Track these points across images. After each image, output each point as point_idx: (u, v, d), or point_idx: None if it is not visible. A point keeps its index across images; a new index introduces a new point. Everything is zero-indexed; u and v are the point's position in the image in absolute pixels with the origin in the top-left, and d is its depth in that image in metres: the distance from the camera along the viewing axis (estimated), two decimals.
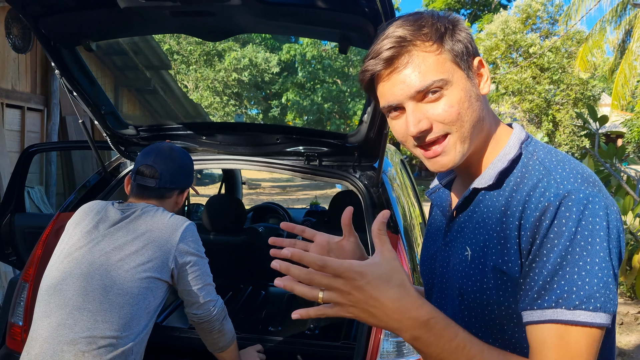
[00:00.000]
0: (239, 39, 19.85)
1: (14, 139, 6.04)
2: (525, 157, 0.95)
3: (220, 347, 1.94)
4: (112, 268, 1.74)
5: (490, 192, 0.95)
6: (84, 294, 1.71)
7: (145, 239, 1.78)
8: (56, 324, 1.68)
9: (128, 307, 1.71)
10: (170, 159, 1.98)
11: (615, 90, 14.19)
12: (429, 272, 1.09)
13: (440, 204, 1.09)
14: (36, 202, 6.10)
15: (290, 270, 0.78)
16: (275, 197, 15.72)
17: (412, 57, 0.90)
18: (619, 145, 7.78)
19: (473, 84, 0.94)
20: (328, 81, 21.65)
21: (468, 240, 0.96)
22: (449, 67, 0.91)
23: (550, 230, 0.83)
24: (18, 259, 3.35)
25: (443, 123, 0.92)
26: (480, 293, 0.91)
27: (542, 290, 0.82)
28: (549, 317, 0.81)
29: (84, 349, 1.65)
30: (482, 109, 0.95)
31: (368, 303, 0.78)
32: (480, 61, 0.96)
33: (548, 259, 0.82)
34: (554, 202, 0.84)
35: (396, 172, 2.97)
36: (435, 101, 0.91)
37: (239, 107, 21.57)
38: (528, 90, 18.45)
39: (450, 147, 0.93)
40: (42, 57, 6.38)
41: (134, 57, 7.64)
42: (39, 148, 3.51)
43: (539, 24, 20.57)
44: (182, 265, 1.81)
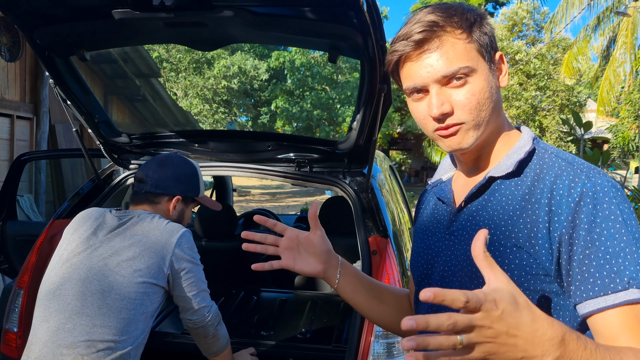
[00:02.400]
0: (228, 46, 19.86)
1: (3, 147, 6.03)
2: (539, 152, 1.00)
3: (214, 352, 1.97)
4: (109, 273, 1.77)
5: (507, 181, 0.99)
6: (82, 299, 1.74)
7: (142, 245, 1.81)
8: (55, 328, 1.71)
9: (126, 312, 1.74)
10: (161, 165, 2.01)
11: (600, 97, 14.40)
12: (425, 262, 1.11)
13: (444, 196, 1.11)
14: (25, 210, 6.08)
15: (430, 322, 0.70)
16: (265, 204, 15.73)
17: (442, 42, 0.94)
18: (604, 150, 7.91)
19: (494, 76, 0.99)
20: (317, 88, 21.72)
21: (484, 226, 0.97)
22: (474, 56, 0.95)
23: (596, 216, 0.86)
24: (10, 267, 3.36)
25: (462, 109, 0.96)
26: None
27: (612, 274, 0.84)
28: (622, 299, 0.83)
29: (82, 352, 1.67)
30: (499, 101, 1.00)
31: (509, 333, 0.71)
32: (501, 56, 1.01)
33: (605, 245, 0.85)
34: (590, 189, 0.88)
35: (385, 178, 3.02)
36: (459, 87, 0.95)
37: (228, 114, 21.56)
38: (515, 97, 18.66)
39: (464, 131, 0.97)
40: (31, 66, 6.39)
41: (124, 66, 7.65)
42: (31, 156, 3.53)
43: (525, 31, 20.85)
44: (177, 271, 1.83)
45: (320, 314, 2.75)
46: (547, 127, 18.81)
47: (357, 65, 16.07)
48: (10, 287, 2.38)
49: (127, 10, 1.74)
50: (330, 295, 3.03)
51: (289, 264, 1.14)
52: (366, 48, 1.76)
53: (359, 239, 2.22)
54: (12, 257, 3.33)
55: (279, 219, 4.43)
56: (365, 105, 2.02)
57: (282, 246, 1.15)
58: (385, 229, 2.22)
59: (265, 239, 1.14)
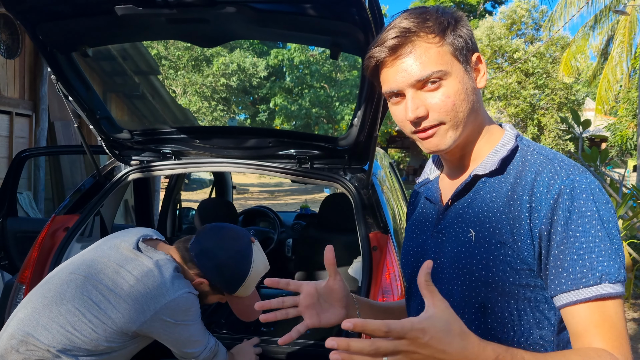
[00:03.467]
0: (227, 44, 19.86)
1: (2, 145, 6.03)
2: (522, 149, 1.02)
3: None
4: (87, 282, 1.74)
5: (491, 179, 1.01)
6: (64, 287, 1.74)
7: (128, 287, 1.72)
8: (17, 317, 1.74)
9: (70, 328, 1.68)
10: (219, 242, 1.87)
11: (599, 95, 14.43)
12: (414, 260, 1.13)
13: (431, 195, 1.14)
14: (24, 207, 6.08)
15: (352, 346, 0.74)
16: (263, 202, 15.73)
17: (415, 47, 0.97)
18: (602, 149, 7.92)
19: (470, 78, 1.00)
20: (316, 86, 21.72)
21: (471, 224, 1.00)
22: (448, 59, 0.97)
23: (572, 212, 0.90)
24: (10, 263, 3.36)
25: (438, 112, 0.98)
26: (486, 270, 0.96)
27: (584, 269, 0.88)
28: (594, 294, 0.87)
29: (14, 346, 1.66)
30: (476, 102, 1.02)
31: (435, 358, 0.77)
32: (479, 57, 1.02)
33: (579, 240, 0.89)
34: (568, 186, 0.91)
35: (385, 175, 3.03)
36: (434, 90, 0.97)
37: (227, 112, 21.56)
38: (513, 95, 18.69)
39: (443, 132, 1.00)
40: (30, 63, 6.38)
41: (123, 63, 7.65)
42: (31, 153, 3.53)
43: (523, 29, 20.86)
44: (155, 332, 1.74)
45: None
46: (546, 126, 18.84)
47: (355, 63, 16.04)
48: (11, 283, 2.38)
49: (129, 6, 1.75)
50: None
51: (315, 322, 1.10)
52: (367, 45, 1.76)
53: (360, 235, 2.23)
54: (12, 253, 3.33)
55: (278, 217, 4.43)
56: (366, 101, 2.03)
57: (302, 305, 1.10)
58: (386, 225, 2.23)
59: (283, 303, 1.10)
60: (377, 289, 2.06)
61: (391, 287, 2.05)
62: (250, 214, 4.65)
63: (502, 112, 18.86)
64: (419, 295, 1.10)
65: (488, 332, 0.98)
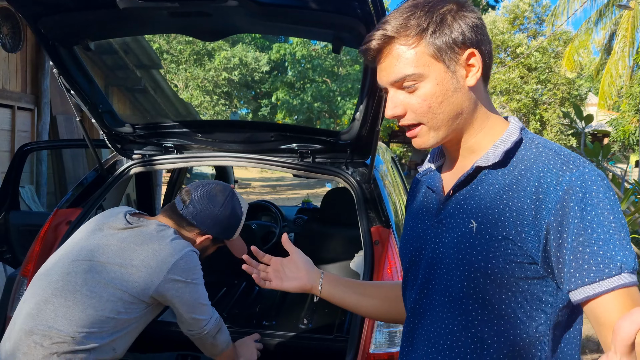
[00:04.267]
0: (228, 38, 19.81)
1: (4, 139, 6.03)
2: (527, 142, 1.02)
3: (214, 354, 1.98)
4: (93, 265, 1.76)
5: (494, 171, 1.01)
6: (66, 279, 1.75)
7: (136, 256, 1.78)
8: (27, 311, 1.73)
9: (91, 310, 1.70)
10: (211, 199, 1.97)
11: (601, 90, 14.39)
12: (413, 249, 1.13)
13: (433, 185, 1.14)
14: (27, 201, 6.09)
15: None
16: (265, 196, 15.74)
17: (392, 50, 0.98)
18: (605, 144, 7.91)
19: (454, 76, 0.98)
20: (318, 80, 21.69)
21: (472, 215, 1.00)
22: (426, 60, 0.97)
23: (586, 204, 0.89)
24: (13, 257, 3.37)
25: (415, 113, 1.01)
26: (486, 262, 0.96)
27: (605, 260, 0.87)
28: (616, 284, 0.87)
29: (37, 341, 1.66)
30: (463, 101, 1.00)
31: None
32: (472, 53, 0.99)
33: (597, 232, 0.88)
34: (578, 178, 0.91)
35: (387, 169, 3.03)
36: (411, 92, 0.99)
37: (229, 106, 21.55)
38: (516, 90, 18.63)
39: (423, 133, 1.03)
40: (32, 57, 6.37)
41: (124, 57, 7.63)
42: (33, 146, 3.54)
43: (526, 24, 20.77)
44: (167, 295, 1.79)
45: (321, 304, 2.76)
46: (548, 121, 18.80)
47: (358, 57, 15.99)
48: (14, 276, 2.39)
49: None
50: None
51: (278, 284, 1.36)
52: None
53: (362, 230, 2.23)
54: (15, 247, 3.34)
55: (280, 211, 4.44)
56: (368, 95, 2.02)
57: (270, 270, 1.38)
58: (388, 220, 2.23)
59: (263, 257, 1.41)
60: None
61: (392, 280, 2.06)
62: (252, 208, 4.65)
63: (504, 107, 18.82)
64: (416, 285, 1.10)
65: (485, 323, 0.98)
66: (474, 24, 0.99)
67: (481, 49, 1.00)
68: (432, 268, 1.07)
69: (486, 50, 1.01)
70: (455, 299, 1.00)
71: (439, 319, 1.04)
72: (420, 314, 1.08)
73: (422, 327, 1.07)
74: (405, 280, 1.17)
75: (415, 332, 1.09)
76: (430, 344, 1.05)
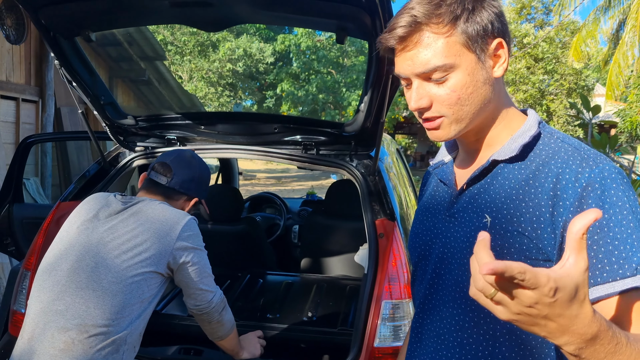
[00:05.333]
0: (233, 29, 19.77)
1: (9, 131, 6.03)
2: (545, 136, 0.99)
3: (219, 336, 1.97)
4: (106, 254, 1.76)
5: (510, 165, 0.98)
6: (74, 275, 1.72)
7: (144, 230, 1.79)
8: (47, 308, 1.70)
9: (121, 295, 1.72)
10: (188, 165, 2.02)
11: (609, 81, 14.25)
12: (423, 243, 1.11)
13: (445, 178, 1.11)
14: (32, 193, 6.11)
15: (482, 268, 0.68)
16: (270, 188, 15.74)
17: (421, 38, 0.93)
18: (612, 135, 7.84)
19: (484, 67, 0.95)
20: (323, 72, 21.61)
21: (486, 209, 0.97)
22: (457, 50, 0.93)
23: (605, 202, 0.86)
24: (17, 250, 3.37)
25: (442, 104, 0.96)
26: (500, 258, 0.88)
27: (620, 260, 0.84)
28: (630, 285, 0.83)
29: (74, 337, 1.65)
30: (489, 92, 0.97)
31: (548, 318, 0.69)
32: (500, 43, 0.96)
33: (613, 231, 0.85)
34: (598, 175, 0.88)
35: (392, 161, 3.00)
36: (440, 83, 0.94)
37: (233, 97, 21.51)
38: (522, 81, 18.51)
39: (446, 125, 0.98)
40: (36, 48, 6.36)
41: (129, 48, 7.62)
42: (36, 139, 3.52)
43: (533, 14, 20.59)
44: (179, 261, 1.82)
45: (326, 297, 2.75)
46: (555, 112, 18.67)
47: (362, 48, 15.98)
48: (17, 269, 2.39)
49: None
50: (336, 278, 3.03)
51: None
52: (374, 28, 1.73)
53: (366, 222, 2.21)
54: (19, 239, 3.34)
55: (285, 203, 4.43)
56: (372, 86, 1.99)
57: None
58: (392, 212, 2.20)
59: None
60: (383, 276, 2.05)
61: (397, 274, 2.04)
62: (256, 200, 4.65)
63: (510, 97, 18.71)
64: (425, 280, 1.08)
65: (497, 321, 0.95)
66: (499, 12, 0.96)
67: (505, 38, 0.97)
68: (442, 263, 1.05)
69: (509, 39, 0.98)
70: (467, 295, 0.96)
71: (449, 315, 1.02)
72: (430, 309, 1.06)
73: (432, 323, 1.05)
74: (414, 275, 1.15)
75: (424, 327, 1.08)
76: (440, 340, 1.03)
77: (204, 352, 2.12)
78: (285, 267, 3.59)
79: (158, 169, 1.98)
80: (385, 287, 2.01)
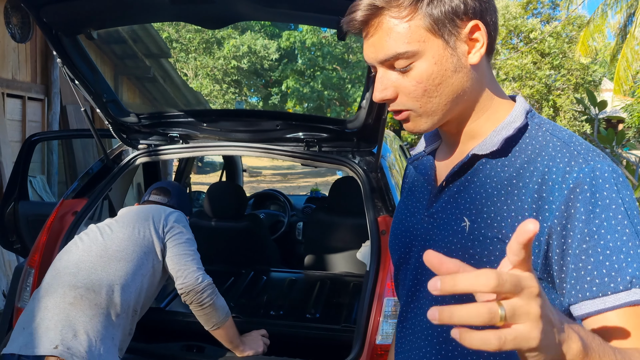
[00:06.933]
0: (237, 26, 19.76)
1: (15, 129, 6.05)
2: (533, 128, 0.87)
3: (215, 323, 1.98)
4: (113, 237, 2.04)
5: (492, 161, 0.87)
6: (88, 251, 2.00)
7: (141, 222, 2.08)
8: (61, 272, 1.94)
9: (123, 262, 1.96)
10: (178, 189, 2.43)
11: (617, 75, 14.13)
12: (402, 245, 1.00)
13: (424, 173, 0.99)
14: (38, 191, 6.14)
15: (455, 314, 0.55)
16: (275, 185, 15.75)
17: (381, 24, 0.83)
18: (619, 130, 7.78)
19: (454, 53, 0.83)
20: (328, 68, 21.58)
21: (465, 211, 0.87)
22: (421, 35, 0.82)
23: (595, 205, 0.76)
24: (22, 247, 3.39)
25: (407, 97, 0.86)
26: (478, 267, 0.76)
27: (612, 272, 0.73)
28: (624, 301, 0.72)
29: (82, 294, 1.86)
30: (464, 81, 0.85)
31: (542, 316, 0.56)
32: (477, 25, 0.83)
33: (605, 238, 0.75)
34: (588, 174, 0.77)
35: (395, 158, 2.99)
36: (404, 73, 0.84)
37: (238, 94, 21.52)
38: (529, 76, 18.40)
39: (415, 117, 0.88)
40: (42, 47, 6.38)
41: (133, 46, 7.62)
42: (41, 137, 3.54)
43: (539, 8, 20.46)
44: (169, 236, 2.06)
45: (329, 294, 2.75)
46: (561, 107, 18.56)
47: None
48: (21, 267, 2.40)
49: None
50: (339, 275, 3.03)
51: None
52: None
53: (368, 219, 2.21)
54: (24, 237, 3.36)
55: (289, 200, 4.42)
56: (374, 83, 1.98)
57: None
58: (395, 209, 2.20)
59: None
60: (385, 273, 2.05)
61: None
62: (260, 197, 4.65)
63: (517, 93, 18.61)
64: (406, 286, 0.99)
65: None
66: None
67: (486, 20, 0.84)
68: (422, 268, 0.94)
69: (491, 21, 0.86)
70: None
71: (428, 327, 0.91)
72: (410, 319, 0.97)
73: (412, 335, 0.95)
74: (397, 279, 1.05)
75: (405, 338, 0.98)
76: (422, 354, 0.93)
77: (207, 348, 2.13)
78: (289, 263, 3.59)
79: (158, 193, 2.35)
80: (388, 285, 2.01)
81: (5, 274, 4.90)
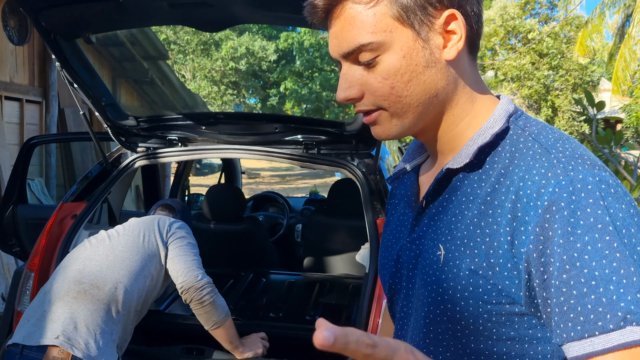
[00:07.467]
0: (235, 27, 19.77)
1: (13, 132, 6.05)
2: (515, 133, 0.74)
3: (214, 322, 1.99)
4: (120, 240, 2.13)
5: (470, 176, 0.75)
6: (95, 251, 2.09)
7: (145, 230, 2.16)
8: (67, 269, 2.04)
9: (128, 262, 2.04)
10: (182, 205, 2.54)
11: (615, 75, 14.16)
12: (391, 276, 0.88)
13: (404, 193, 0.88)
14: (37, 194, 6.13)
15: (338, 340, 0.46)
16: (274, 186, 15.76)
17: (343, 12, 0.72)
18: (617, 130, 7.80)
19: (426, 46, 0.72)
20: (326, 69, 21.60)
21: (442, 237, 0.75)
22: (387, 24, 0.71)
23: (576, 225, 0.62)
24: (21, 250, 3.39)
25: (374, 95, 0.74)
26: (453, 304, 0.72)
27: (600, 307, 0.59)
28: (616, 342, 0.58)
29: (86, 289, 1.95)
30: (438, 79, 0.74)
31: None
32: (452, 15, 0.71)
33: (589, 266, 0.61)
34: (565, 188, 0.64)
35: (394, 160, 3.00)
36: (370, 67, 0.73)
37: (236, 96, 21.52)
38: (527, 77, 18.43)
39: (385, 119, 0.76)
40: (39, 49, 6.38)
41: (131, 48, 7.63)
42: (40, 140, 3.54)
43: (537, 9, 20.49)
44: (171, 239, 2.14)
45: (328, 295, 2.76)
46: (560, 107, 18.59)
47: None
48: (21, 270, 2.40)
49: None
50: (338, 277, 3.03)
51: None
52: None
53: (367, 221, 2.21)
54: (23, 240, 3.35)
55: (288, 202, 4.43)
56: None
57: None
58: None
59: None
60: None
61: None
62: (259, 199, 4.66)
63: (515, 93, 18.64)
64: (396, 319, 0.88)
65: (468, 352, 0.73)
66: None
67: (465, 10, 0.73)
68: (408, 300, 0.83)
69: (472, 12, 0.74)
70: (427, 345, 0.76)
71: None
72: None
73: None
74: (391, 310, 0.93)
75: None
76: None
77: (207, 351, 2.13)
78: (288, 266, 3.59)
79: (165, 210, 2.42)
80: None
81: (4, 278, 4.89)
